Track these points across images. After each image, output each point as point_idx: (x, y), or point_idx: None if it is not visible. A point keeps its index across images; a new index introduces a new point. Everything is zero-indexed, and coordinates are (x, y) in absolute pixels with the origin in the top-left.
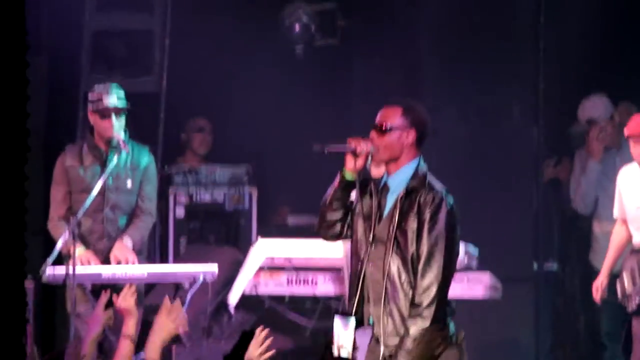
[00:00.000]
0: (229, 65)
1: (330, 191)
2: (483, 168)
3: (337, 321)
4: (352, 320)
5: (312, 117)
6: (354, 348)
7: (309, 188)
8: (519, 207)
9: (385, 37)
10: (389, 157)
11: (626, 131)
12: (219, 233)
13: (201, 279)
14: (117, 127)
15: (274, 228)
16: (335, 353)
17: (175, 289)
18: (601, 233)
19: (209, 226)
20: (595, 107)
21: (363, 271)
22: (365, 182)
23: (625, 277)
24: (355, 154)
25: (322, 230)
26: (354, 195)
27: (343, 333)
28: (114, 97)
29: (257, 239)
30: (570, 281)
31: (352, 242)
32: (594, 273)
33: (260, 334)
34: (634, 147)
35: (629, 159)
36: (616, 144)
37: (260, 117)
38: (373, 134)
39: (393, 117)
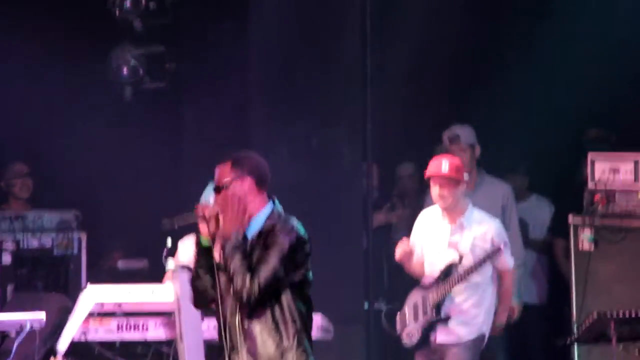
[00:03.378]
0: (55, 107)
1: (192, 263)
2: (314, 209)
3: None
4: None
5: (143, 159)
6: None
7: (138, 232)
8: (350, 249)
9: (214, 79)
10: None
11: (426, 173)
12: (48, 279)
13: (28, 326)
14: None
15: (104, 273)
16: None
17: (1, 337)
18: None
19: (38, 272)
20: (462, 129)
21: (226, 321)
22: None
23: (407, 312)
24: (205, 220)
25: (199, 302)
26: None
27: None
28: None
29: (86, 284)
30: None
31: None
32: None
33: None
34: (433, 188)
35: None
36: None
37: (89, 161)
38: (215, 196)
39: (225, 173)
